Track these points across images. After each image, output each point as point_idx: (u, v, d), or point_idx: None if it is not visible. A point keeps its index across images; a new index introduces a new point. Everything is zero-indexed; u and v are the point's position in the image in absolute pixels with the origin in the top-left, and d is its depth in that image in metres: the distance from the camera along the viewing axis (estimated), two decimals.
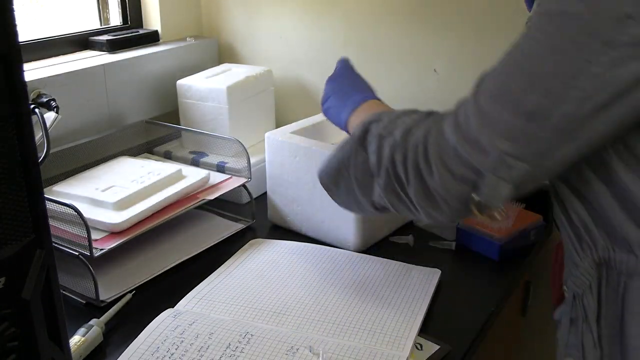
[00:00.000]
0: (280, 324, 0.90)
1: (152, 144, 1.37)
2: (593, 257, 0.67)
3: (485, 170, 0.61)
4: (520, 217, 1.12)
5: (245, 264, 1.06)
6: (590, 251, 0.67)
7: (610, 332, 0.67)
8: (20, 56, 0.47)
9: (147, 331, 0.86)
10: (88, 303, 0.96)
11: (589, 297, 0.67)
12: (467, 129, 0.62)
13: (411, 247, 1.13)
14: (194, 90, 1.34)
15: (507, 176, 0.60)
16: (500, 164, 0.60)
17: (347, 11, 1.41)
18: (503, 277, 1.05)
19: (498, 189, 0.61)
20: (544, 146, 0.58)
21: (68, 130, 1.23)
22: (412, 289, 0.98)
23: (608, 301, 0.66)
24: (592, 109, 0.55)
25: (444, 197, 0.66)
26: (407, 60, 1.35)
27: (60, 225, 0.96)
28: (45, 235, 0.52)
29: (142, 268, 1.04)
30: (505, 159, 0.59)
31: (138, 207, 1.03)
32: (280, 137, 1.15)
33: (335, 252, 1.09)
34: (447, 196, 0.66)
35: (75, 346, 0.83)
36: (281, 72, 1.52)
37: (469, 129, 0.62)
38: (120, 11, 1.50)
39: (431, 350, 0.85)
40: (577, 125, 0.56)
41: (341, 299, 0.95)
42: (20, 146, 0.49)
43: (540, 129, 0.57)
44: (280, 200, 1.18)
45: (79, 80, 1.25)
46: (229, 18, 1.58)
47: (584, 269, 0.68)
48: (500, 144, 0.59)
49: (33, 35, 1.32)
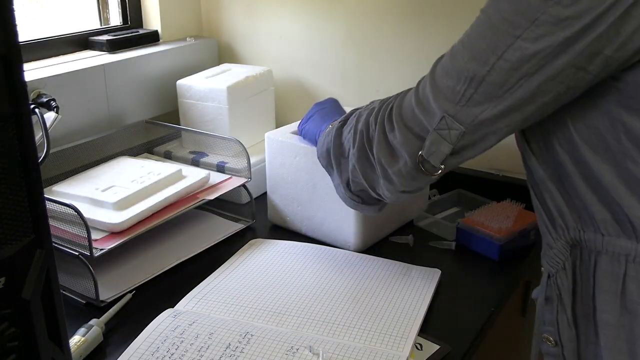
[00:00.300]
0: (280, 324, 0.90)
1: (152, 144, 1.37)
2: (565, 238, 0.72)
3: (431, 127, 0.72)
4: (520, 217, 1.12)
5: (245, 264, 1.06)
6: (563, 232, 0.72)
7: (584, 312, 0.71)
8: (20, 56, 0.47)
9: (147, 331, 0.86)
10: (88, 303, 0.96)
11: (563, 277, 0.72)
12: (423, 94, 0.74)
13: (411, 247, 1.13)
14: (194, 90, 1.34)
15: (447, 135, 0.71)
16: (442, 123, 0.70)
17: (347, 11, 1.41)
18: (503, 277, 1.05)
19: (440, 146, 0.72)
20: (477, 109, 0.68)
21: (68, 130, 1.23)
22: (412, 289, 0.98)
23: (582, 280, 0.71)
24: (518, 78, 0.64)
25: (400, 151, 0.77)
26: (407, 60, 1.35)
27: (60, 225, 0.96)
28: (45, 235, 0.52)
29: (142, 268, 1.04)
30: (447, 118, 0.70)
31: (138, 207, 1.03)
32: (280, 137, 1.15)
33: (335, 252, 1.09)
34: (403, 149, 0.76)
35: (75, 346, 0.83)
36: (281, 72, 1.52)
37: (424, 94, 0.73)
38: (120, 11, 1.50)
39: (431, 350, 0.85)
40: (504, 92, 0.65)
41: (341, 299, 0.95)
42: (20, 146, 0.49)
43: (475, 92, 0.67)
44: (280, 200, 1.18)
45: (79, 80, 1.25)
46: (229, 18, 1.58)
47: (557, 249, 0.73)
48: (444, 104, 0.70)
49: (33, 35, 1.32)
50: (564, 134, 0.68)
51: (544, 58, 0.62)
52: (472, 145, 0.72)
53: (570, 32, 0.60)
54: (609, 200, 0.67)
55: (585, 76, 0.62)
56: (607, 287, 0.68)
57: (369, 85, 1.43)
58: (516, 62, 0.63)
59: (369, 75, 1.43)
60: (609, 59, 0.61)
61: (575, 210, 0.71)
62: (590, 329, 0.71)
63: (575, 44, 0.60)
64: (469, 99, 0.68)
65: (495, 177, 1.32)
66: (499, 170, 1.32)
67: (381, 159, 0.80)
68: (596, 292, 0.69)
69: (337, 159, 0.91)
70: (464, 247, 1.12)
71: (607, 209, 0.67)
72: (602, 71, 0.62)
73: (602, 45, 0.60)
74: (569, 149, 0.68)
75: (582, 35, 0.60)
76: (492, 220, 1.11)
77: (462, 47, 0.69)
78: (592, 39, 0.59)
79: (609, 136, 0.65)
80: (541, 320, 0.77)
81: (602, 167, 0.66)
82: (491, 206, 1.18)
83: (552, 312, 0.74)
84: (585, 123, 0.66)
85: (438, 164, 0.74)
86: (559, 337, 0.74)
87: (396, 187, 0.81)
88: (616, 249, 0.67)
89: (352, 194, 0.92)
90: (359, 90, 1.44)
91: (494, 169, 1.33)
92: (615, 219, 0.67)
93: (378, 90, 1.41)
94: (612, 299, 0.68)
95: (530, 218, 1.12)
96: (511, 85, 0.65)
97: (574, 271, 0.71)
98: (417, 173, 0.77)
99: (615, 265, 0.67)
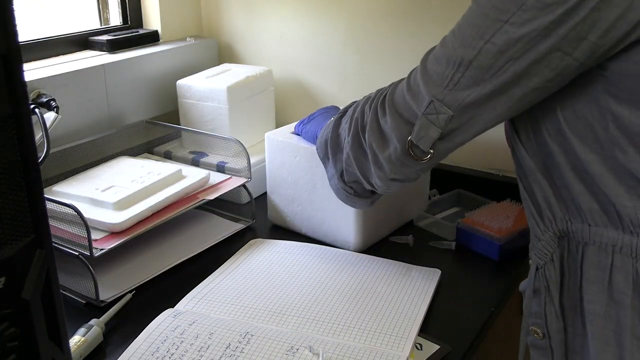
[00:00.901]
0: (280, 324, 0.90)
1: (152, 144, 1.37)
2: (553, 229, 0.73)
3: (420, 112, 0.73)
4: (520, 217, 1.12)
5: (245, 264, 1.06)
6: (551, 224, 0.73)
7: (572, 303, 0.72)
8: (20, 56, 0.47)
9: (147, 331, 0.86)
10: (88, 303, 0.96)
11: (551, 269, 0.73)
12: (414, 81, 0.75)
13: (411, 247, 1.13)
14: (194, 90, 1.34)
15: (436, 120, 0.72)
16: (431, 107, 0.72)
17: (348, 11, 1.41)
18: (503, 277, 1.05)
19: (428, 131, 0.73)
20: (464, 93, 0.69)
21: (68, 130, 1.23)
22: (412, 289, 0.98)
23: (570, 272, 0.72)
24: (505, 62, 0.65)
25: (391, 135, 0.78)
26: (407, 60, 1.35)
27: (60, 225, 0.96)
28: (45, 235, 0.52)
29: (142, 268, 1.04)
30: (435, 102, 0.71)
31: (138, 207, 1.03)
32: (280, 137, 1.15)
33: (335, 252, 1.09)
34: (393, 134, 0.77)
35: (75, 346, 0.83)
36: (281, 72, 1.52)
37: (415, 81, 0.75)
38: (120, 11, 1.50)
39: (431, 350, 0.85)
40: (490, 76, 0.67)
41: (341, 298, 0.95)
42: (20, 146, 0.49)
43: (463, 76, 0.68)
44: (280, 200, 1.18)
45: (79, 80, 1.25)
46: (229, 18, 1.58)
47: (545, 241, 0.73)
48: (433, 89, 0.71)
49: (33, 35, 1.32)
50: (553, 123, 0.69)
51: (530, 42, 0.63)
52: (460, 129, 0.72)
53: (553, 17, 0.61)
54: (596, 190, 0.67)
55: (572, 63, 0.63)
56: (594, 277, 0.69)
57: (369, 85, 1.42)
58: (503, 46, 0.64)
59: (369, 75, 1.43)
60: (594, 46, 0.62)
61: (562, 201, 0.71)
62: (577, 320, 0.72)
63: (559, 28, 0.61)
64: (457, 83, 0.69)
65: (495, 177, 1.32)
66: (499, 170, 1.32)
67: (372, 143, 0.81)
68: (583, 283, 0.70)
69: (334, 150, 0.92)
70: (464, 247, 1.12)
71: (595, 198, 0.68)
72: (588, 58, 0.63)
73: (585, 30, 0.61)
74: (557, 138, 0.69)
75: (565, 19, 0.61)
76: (492, 220, 1.11)
77: (452, 36, 0.71)
78: (575, 22, 0.61)
79: (597, 125, 0.65)
80: (528, 313, 0.78)
81: (590, 157, 0.67)
82: (491, 206, 1.18)
83: (540, 304, 0.75)
84: (574, 112, 0.67)
85: (427, 148, 0.75)
86: (546, 329, 0.74)
87: (386, 174, 0.82)
88: (603, 239, 0.68)
89: (345, 185, 0.92)
90: (359, 90, 1.44)
91: (494, 169, 1.33)
92: (602, 209, 0.68)
93: None
94: (599, 289, 0.68)
95: None
96: (497, 68, 0.66)
97: (562, 262, 0.72)
98: (406, 158, 0.78)
99: (603, 256, 0.68)
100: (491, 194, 1.24)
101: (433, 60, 0.73)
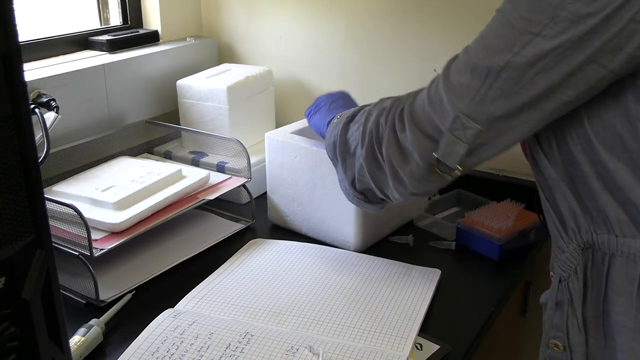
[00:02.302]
0: (280, 324, 0.90)
1: (152, 144, 1.37)
2: (577, 241, 0.71)
3: (445, 128, 0.70)
4: (520, 217, 1.12)
5: (245, 264, 1.06)
6: (575, 235, 0.71)
7: (595, 315, 0.70)
8: (20, 56, 0.47)
9: (147, 331, 0.86)
10: (88, 303, 0.96)
11: (574, 281, 0.71)
12: (435, 93, 0.72)
13: (411, 247, 1.13)
14: (194, 90, 1.34)
15: (463, 135, 0.69)
16: (457, 122, 0.69)
17: (348, 11, 1.41)
18: (503, 277, 1.05)
19: (455, 147, 0.70)
20: (492, 106, 0.67)
21: (68, 130, 1.23)
22: (412, 289, 0.98)
23: (593, 283, 0.70)
24: (534, 74, 0.63)
25: (412, 151, 0.75)
26: (407, 60, 1.35)
27: (60, 225, 0.96)
28: (45, 235, 0.52)
29: (142, 268, 1.04)
30: (461, 117, 0.68)
31: (138, 207, 1.03)
32: (280, 137, 1.15)
33: (335, 252, 1.09)
34: (415, 150, 0.75)
35: (75, 346, 0.83)
36: (281, 72, 1.52)
37: (437, 93, 0.72)
38: (120, 11, 1.50)
39: (431, 350, 0.85)
40: (519, 88, 0.65)
41: (341, 298, 0.95)
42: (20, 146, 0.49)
43: (490, 88, 0.66)
44: (280, 200, 1.18)
45: (79, 80, 1.25)
46: (229, 18, 1.58)
47: (569, 253, 0.71)
48: (458, 102, 0.69)
49: (33, 35, 1.32)
50: (579, 132, 0.67)
51: (561, 54, 0.61)
52: (489, 144, 0.70)
53: (588, 28, 0.59)
54: (624, 200, 0.66)
55: (607, 74, 0.61)
56: (621, 289, 0.67)
57: (369, 85, 1.43)
58: (532, 58, 0.62)
59: (369, 75, 1.43)
60: (630, 57, 0.60)
61: (587, 212, 0.69)
62: (599, 332, 0.70)
63: (593, 40, 0.60)
64: (484, 96, 0.67)
65: (495, 177, 1.32)
66: (499, 170, 1.32)
67: (391, 159, 0.79)
68: (609, 294, 0.68)
69: (343, 155, 0.90)
70: (464, 247, 1.12)
71: (623, 209, 0.66)
72: (622, 69, 0.61)
73: (622, 42, 0.59)
74: (583, 148, 0.67)
75: (600, 31, 0.59)
76: (492, 220, 1.11)
77: (477, 46, 0.68)
78: (611, 34, 0.59)
79: (627, 135, 0.64)
80: (550, 326, 0.75)
81: (619, 167, 0.65)
82: (491, 206, 1.18)
83: (562, 317, 0.73)
84: (602, 121, 0.65)
85: (454, 165, 0.72)
86: (567, 342, 0.72)
87: (407, 189, 0.80)
88: (632, 250, 0.66)
89: (356, 192, 0.91)
90: (359, 90, 1.43)
91: (494, 169, 1.33)
92: (631, 219, 0.66)
93: (378, 91, 1.41)
94: (627, 301, 0.66)
95: (530, 218, 1.12)
96: (527, 81, 0.64)
97: (585, 274, 0.70)
98: (430, 174, 0.75)
99: (631, 267, 0.66)
100: (491, 194, 1.24)
101: (456, 70, 0.70)
